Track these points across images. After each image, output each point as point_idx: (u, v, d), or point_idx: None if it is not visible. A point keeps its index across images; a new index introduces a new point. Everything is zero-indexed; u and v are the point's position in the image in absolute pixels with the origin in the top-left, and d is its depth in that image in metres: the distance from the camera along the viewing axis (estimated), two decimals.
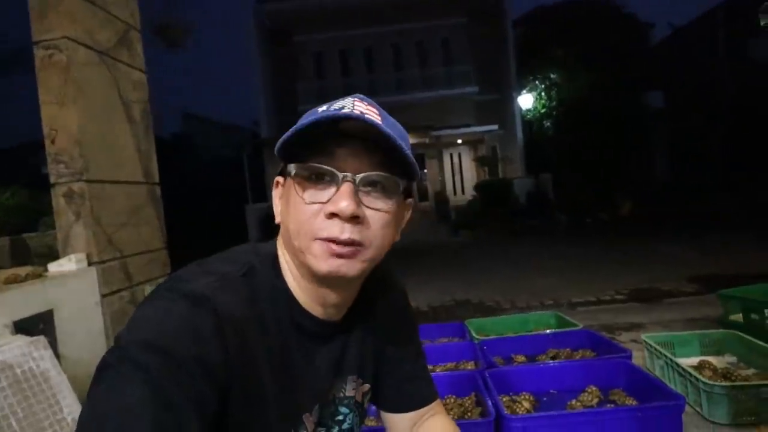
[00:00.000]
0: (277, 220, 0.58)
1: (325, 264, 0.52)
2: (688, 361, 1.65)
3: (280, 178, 0.59)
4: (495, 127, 14.14)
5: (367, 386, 0.70)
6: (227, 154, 16.25)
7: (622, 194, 10.58)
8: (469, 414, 1.50)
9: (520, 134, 15.07)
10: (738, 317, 1.94)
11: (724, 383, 1.33)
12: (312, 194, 0.52)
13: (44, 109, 2.02)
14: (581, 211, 10.53)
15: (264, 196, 13.17)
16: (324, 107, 0.54)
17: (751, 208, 8.77)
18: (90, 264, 2.03)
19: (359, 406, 0.69)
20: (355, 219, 0.51)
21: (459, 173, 15.87)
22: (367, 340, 0.68)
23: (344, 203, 0.50)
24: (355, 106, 0.53)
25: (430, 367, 2.03)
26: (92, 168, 2.10)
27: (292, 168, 0.53)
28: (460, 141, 15.42)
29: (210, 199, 13.17)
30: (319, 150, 0.52)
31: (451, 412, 1.49)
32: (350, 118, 0.50)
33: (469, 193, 13.88)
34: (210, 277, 0.51)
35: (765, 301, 1.81)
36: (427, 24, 15.10)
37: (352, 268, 0.53)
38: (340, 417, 0.65)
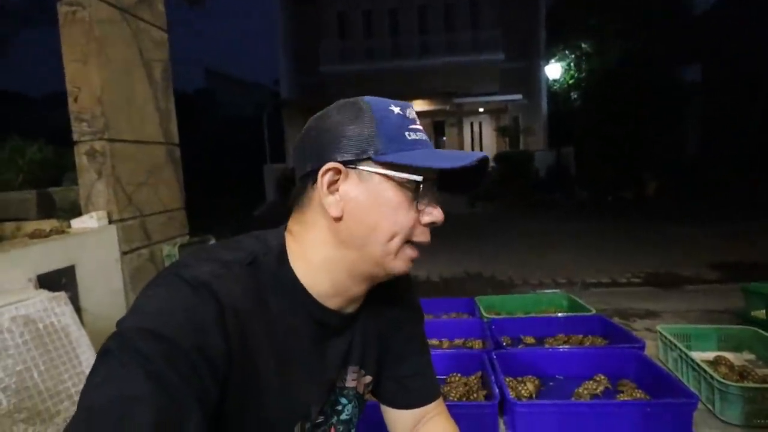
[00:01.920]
0: (337, 213, 0.55)
1: (405, 266, 0.58)
2: (703, 356, 1.62)
3: (339, 166, 0.55)
4: (519, 96, 13.64)
5: (368, 378, 0.69)
6: (248, 112, 16.17)
7: (648, 173, 10.21)
8: (474, 395, 1.51)
9: (544, 105, 14.54)
10: (761, 313, 1.88)
11: (739, 383, 1.30)
12: (420, 202, 0.56)
13: (68, 66, 2.00)
14: (603, 188, 10.25)
15: (282, 157, 13.18)
16: (396, 109, 0.57)
17: None
18: (111, 222, 2.07)
19: (359, 398, 0.69)
20: None
21: (479, 143, 15.52)
22: (371, 330, 0.67)
23: (442, 216, 0.58)
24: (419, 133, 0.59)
25: (436, 341, 2.05)
26: (113, 127, 2.10)
27: (412, 175, 0.54)
28: (481, 110, 14.98)
29: (229, 157, 13.25)
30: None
31: (456, 391, 1.51)
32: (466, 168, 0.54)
33: (489, 164, 13.60)
34: (214, 265, 0.51)
35: None
36: None
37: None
38: (339, 407, 0.65)
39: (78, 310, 1.77)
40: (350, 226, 0.55)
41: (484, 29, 14.32)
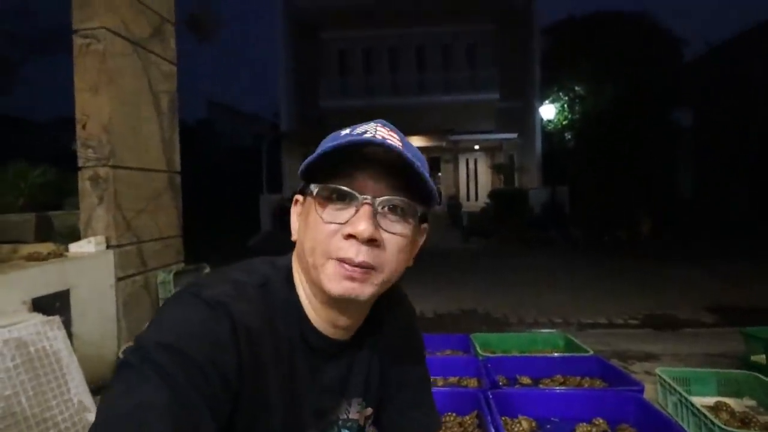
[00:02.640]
0: (294, 237, 0.59)
1: (338, 285, 0.53)
2: (704, 401, 1.59)
3: (299, 197, 0.60)
4: (514, 135, 13.98)
5: (369, 410, 0.69)
6: (247, 143, 16.43)
7: (643, 213, 10.35)
8: None
9: (539, 144, 14.88)
10: (761, 358, 1.87)
11: (742, 431, 1.28)
12: (331, 214, 0.53)
13: (78, 95, 2.06)
14: (598, 228, 10.34)
15: (279, 187, 13.27)
16: (347, 130, 0.55)
17: None
18: (108, 247, 2.07)
19: (361, 430, 0.69)
20: (372, 242, 0.52)
21: (474, 179, 15.75)
22: (374, 361, 0.68)
23: (362, 226, 0.51)
24: (378, 131, 0.54)
25: (431, 379, 2.02)
26: (118, 154, 2.14)
27: (314, 188, 0.54)
28: (477, 147, 15.30)
29: (227, 187, 13.33)
30: (341, 172, 0.53)
31: (452, 430, 1.47)
32: (372, 144, 0.51)
33: (483, 200, 13.78)
34: (229, 286, 0.53)
35: None
36: (454, 29, 15.01)
37: (363, 291, 0.53)
38: None
39: (69, 335, 1.73)
40: (297, 249, 0.59)
41: (480, 69, 14.86)
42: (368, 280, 0.53)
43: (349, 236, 0.52)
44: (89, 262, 1.93)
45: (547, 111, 12.90)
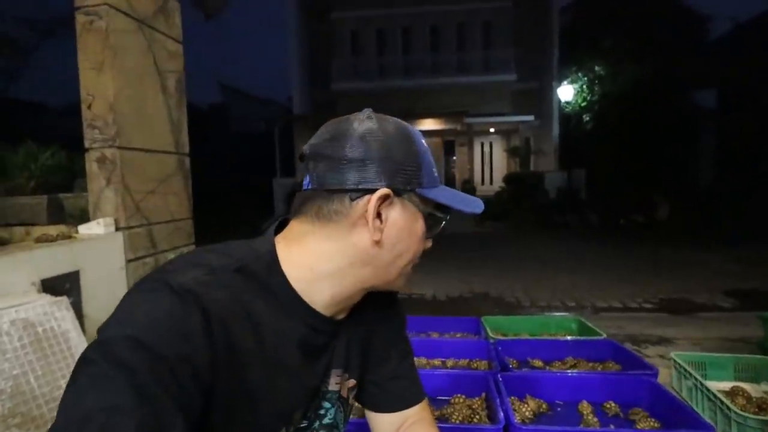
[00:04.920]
0: (378, 237, 0.56)
1: (406, 282, 0.63)
2: (719, 386, 1.54)
3: (390, 193, 0.55)
4: (531, 117, 13.67)
5: (352, 381, 0.69)
6: (260, 127, 16.42)
7: (661, 196, 10.07)
8: (477, 417, 1.46)
9: (556, 127, 14.54)
10: None
11: (759, 416, 1.23)
12: (427, 234, 0.61)
13: (83, 74, 2.04)
14: (615, 211, 10.13)
15: (292, 171, 13.29)
16: (425, 142, 0.61)
17: None
18: (117, 229, 2.08)
19: (344, 402, 0.68)
20: None
21: (489, 163, 15.53)
22: (355, 334, 0.67)
23: (430, 243, 0.64)
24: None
25: (440, 361, 2.00)
26: (125, 135, 2.13)
27: (434, 208, 0.60)
28: (492, 130, 15.03)
29: (240, 171, 13.40)
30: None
31: (459, 413, 1.45)
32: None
33: (498, 183, 13.59)
34: (200, 270, 0.50)
35: None
36: (469, 6, 14.59)
37: None
38: (322, 411, 0.65)
39: (80, 316, 1.76)
40: (382, 251, 0.57)
41: (496, 49, 14.49)
42: None
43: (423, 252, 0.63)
44: (98, 244, 1.94)
45: (566, 92, 12.53)
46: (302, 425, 0.62)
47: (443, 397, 1.63)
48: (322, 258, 0.57)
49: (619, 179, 10.75)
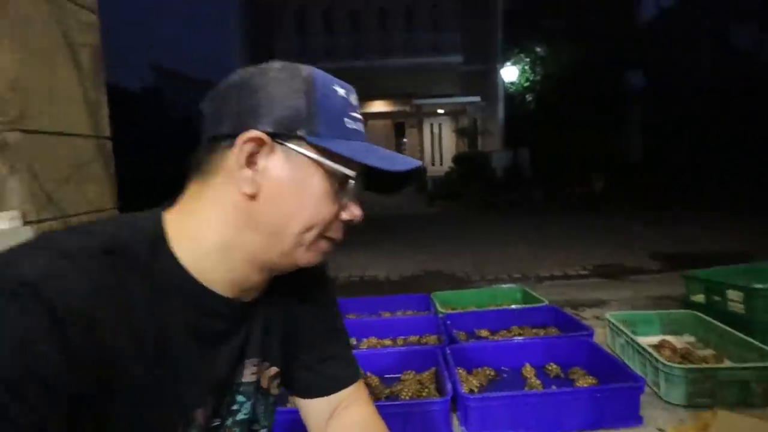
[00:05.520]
0: (251, 190, 0.48)
1: (314, 258, 0.53)
2: (648, 340, 1.65)
3: (264, 137, 0.47)
4: (477, 98, 13.94)
5: (274, 369, 0.62)
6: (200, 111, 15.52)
7: (597, 171, 10.74)
8: (426, 391, 1.46)
9: (501, 107, 14.95)
10: (699, 298, 1.97)
11: (682, 366, 1.33)
12: (341, 194, 0.52)
13: None
14: (556, 187, 10.67)
15: None
16: (341, 91, 0.53)
17: (719, 190, 9.08)
18: (26, 223, 1.85)
19: (264, 393, 0.62)
20: None
21: (438, 144, 15.74)
22: (275, 317, 0.61)
23: (361, 214, 0.54)
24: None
25: (392, 340, 1.99)
26: (30, 117, 1.88)
27: (345, 168, 0.50)
28: (441, 111, 15.21)
29: (180, 157, 12.66)
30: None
31: (409, 389, 1.45)
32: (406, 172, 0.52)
33: (447, 164, 13.83)
34: (50, 257, 0.40)
35: (727, 284, 1.83)
36: None
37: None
38: (236, 406, 0.58)
39: None
40: (264, 209, 0.49)
41: (443, 31, 14.55)
42: None
43: (347, 220, 0.53)
44: (3, 242, 1.73)
45: (509, 73, 12.90)
46: (215, 424, 0.54)
47: (394, 375, 1.63)
48: (210, 227, 0.49)
49: (559, 156, 11.31)
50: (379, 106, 15.71)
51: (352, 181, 0.51)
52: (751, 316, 1.68)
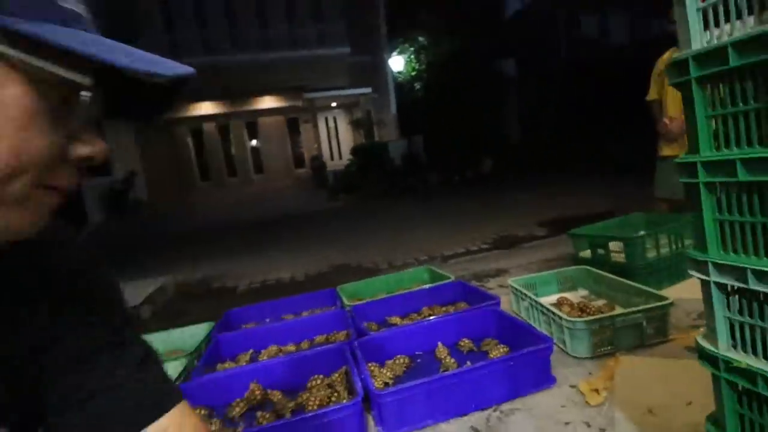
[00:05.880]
0: None
1: (32, 221, 0.33)
2: (548, 300, 1.68)
3: None
4: (369, 89, 14.04)
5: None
6: None
7: (484, 153, 11.57)
8: (335, 396, 1.28)
9: (393, 97, 15.29)
10: (586, 254, 2.10)
11: (584, 319, 1.34)
12: (68, 118, 0.33)
13: None
14: (450, 170, 11.24)
15: (106, 169, 11.09)
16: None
17: (588, 157, 10.36)
18: None
19: None
20: None
21: (335, 137, 15.59)
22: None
23: (103, 146, 0.35)
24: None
25: (295, 345, 1.77)
26: None
27: (67, 71, 0.31)
28: (334, 104, 15.04)
29: None
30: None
31: (316, 397, 1.26)
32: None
33: (347, 157, 13.76)
34: None
35: (608, 236, 1.96)
36: None
37: None
38: None
39: None
40: None
41: (327, 22, 14.32)
42: None
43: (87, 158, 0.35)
44: None
45: (396, 62, 13.20)
46: None
47: (302, 383, 1.42)
48: None
49: (450, 141, 11.95)
50: (269, 102, 14.97)
51: (85, 94, 0.32)
52: (631, 262, 1.80)
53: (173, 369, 1.43)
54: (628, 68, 6.02)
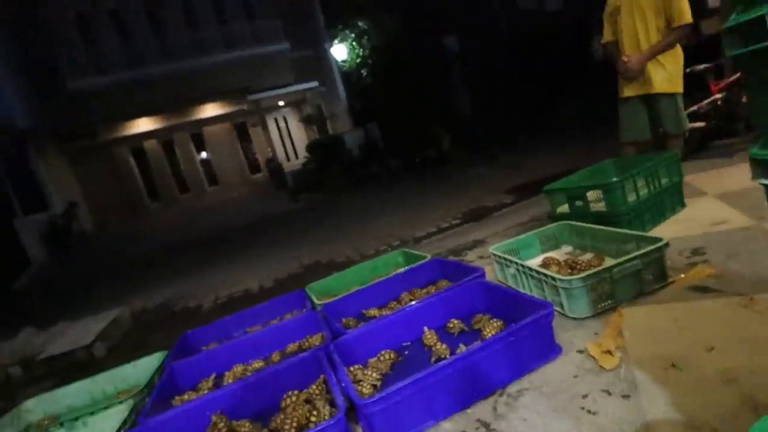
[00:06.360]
0: None
1: None
2: (533, 262, 1.54)
3: None
4: (315, 83, 13.63)
5: None
6: None
7: (441, 130, 11.50)
8: (315, 414, 1.08)
9: (341, 88, 14.93)
10: (564, 208, 1.98)
11: (580, 276, 1.20)
12: None
13: None
14: (409, 152, 11.11)
15: (42, 204, 10.20)
16: None
17: (537, 125, 10.51)
18: None
19: None
20: None
21: (288, 137, 15.09)
22: None
23: None
24: None
25: (263, 360, 1.54)
26: None
27: None
28: (282, 103, 14.52)
29: None
30: None
31: (293, 419, 1.05)
32: None
33: (303, 155, 13.35)
34: None
35: (585, 186, 1.85)
36: None
37: None
38: None
39: None
40: None
41: (261, 20, 13.72)
42: None
43: None
44: None
45: (339, 51, 12.83)
46: None
47: (273, 405, 1.21)
48: None
49: (404, 124, 11.80)
50: (213, 109, 14.27)
51: None
52: (612, 209, 1.70)
53: (114, 418, 1.18)
54: (565, 30, 6.05)
